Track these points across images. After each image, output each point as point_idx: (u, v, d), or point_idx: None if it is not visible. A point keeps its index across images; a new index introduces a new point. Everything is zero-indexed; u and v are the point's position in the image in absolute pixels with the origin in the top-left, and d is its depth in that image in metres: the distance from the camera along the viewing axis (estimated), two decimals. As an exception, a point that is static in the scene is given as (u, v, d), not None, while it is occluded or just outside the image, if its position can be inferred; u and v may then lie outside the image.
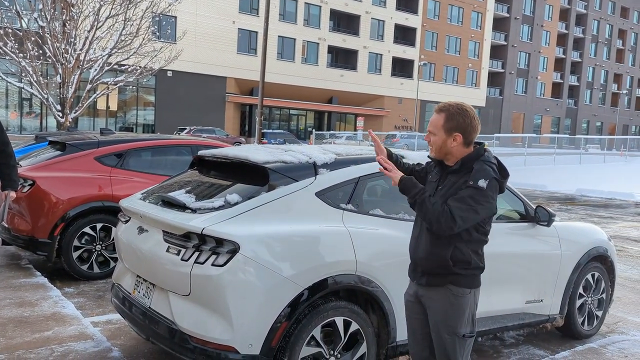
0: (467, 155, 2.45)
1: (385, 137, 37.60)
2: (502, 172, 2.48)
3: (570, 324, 4.46)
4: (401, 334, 3.27)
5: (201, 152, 3.94)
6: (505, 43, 60.86)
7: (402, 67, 51.10)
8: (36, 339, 3.82)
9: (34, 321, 4.15)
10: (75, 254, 5.48)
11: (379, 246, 3.25)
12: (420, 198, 2.37)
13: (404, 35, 50.87)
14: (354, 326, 3.14)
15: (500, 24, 60.63)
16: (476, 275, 2.49)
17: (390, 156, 2.83)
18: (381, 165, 2.48)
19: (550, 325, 4.34)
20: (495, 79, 61.18)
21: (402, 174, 2.48)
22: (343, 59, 47.70)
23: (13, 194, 4.33)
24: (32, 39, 15.25)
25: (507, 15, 60.50)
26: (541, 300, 4.16)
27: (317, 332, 3.01)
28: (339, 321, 3.08)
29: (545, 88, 66.03)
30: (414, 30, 51.08)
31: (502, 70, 61.19)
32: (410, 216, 3.39)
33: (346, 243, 3.12)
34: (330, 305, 3.04)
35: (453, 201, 2.34)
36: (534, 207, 4.11)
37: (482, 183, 2.33)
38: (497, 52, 60.89)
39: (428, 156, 2.67)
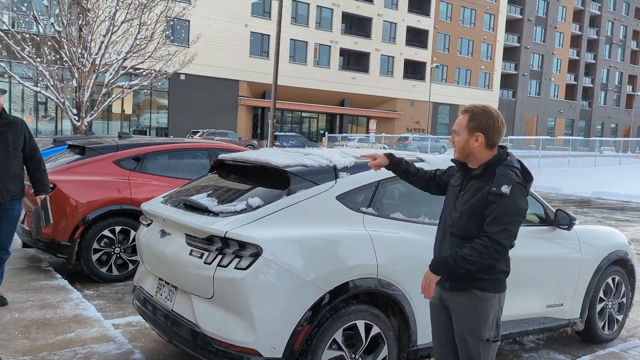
0: (490, 160, 2.45)
1: (398, 139, 37.54)
2: (526, 176, 2.48)
3: (591, 328, 4.43)
4: (422, 337, 3.27)
5: (221, 156, 3.98)
6: (518, 45, 60.49)
7: (414, 70, 50.99)
8: (59, 340, 3.87)
9: (57, 323, 4.21)
10: (94, 257, 5.54)
11: (400, 250, 3.25)
12: (458, 259, 2.36)
13: (416, 37, 50.77)
14: (375, 329, 3.14)
15: (513, 25, 60.29)
16: (501, 280, 2.49)
17: (399, 164, 2.83)
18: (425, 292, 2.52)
19: (571, 329, 4.31)
20: (508, 81, 60.82)
21: (428, 271, 2.51)
22: (355, 61, 47.71)
23: (41, 198, 4.46)
24: (49, 43, 15.44)
25: (520, 16, 60.15)
26: (561, 305, 4.13)
27: (338, 336, 3.02)
28: (360, 325, 3.09)
29: (558, 90, 65.49)
30: (426, 32, 50.97)
31: (515, 72, 60.81)
32: (431, 220, 3.39)
33: (367, 247, 3.13)
34: (351, 309, 3.06)
35: (487, 227, 2.35)
36: (554, 211, 4.09)
37: (505, 189, 2.33)
38: (510, 53, 60.54)
39: (451, 159, 2.68)
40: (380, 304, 3.26)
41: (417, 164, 3.60)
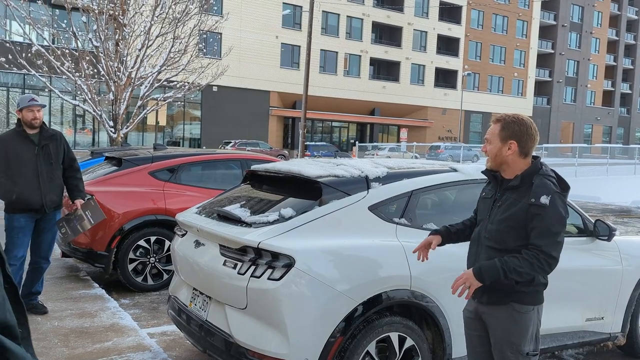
0: (526, 171, 2.41)
1: (429, 148, 37.18)
2: (562, 185, 2.43)
3: (633, 342, 4.26)
4: (457, 350, 3.22)
5: (254, 167, 4.02)
6: (553, 51, 59.32)
7: (445, 78, 50.56)
8: (97, 349, 3.96)
9: (94, 332, 4.30)
10: (130, 267, 5.65)
11: (434, 261, 3.19)
12: (510, 268, 2.30)
13: (447, 45, 50.38)
14: (409, 342, 3.11)
15: (547, 31, 59.21)
16: (539, 292, 2.44)
17: (449, 232, 2.77)
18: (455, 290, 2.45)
19: (612, 343, 4.16)
20: (542, 88, 59.64)
21: (469, 273, 2.41)
22: (385, 70, 47.62)
23: (81, 201, 4.64)
24: (87, 58, 15.93)
25: (554, 22, 59.03)
26: (602, 318, 4.00)
27: (372, 348, 3.00)
28: (394, 337, 3.06)
29: (595, 96, 63.83)
30: (457, 40, 50.53)
31: (550, 79, 59.60)
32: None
33: (400, 258, 3.10)
34: (384, 321, 3.03)
35: (536, 239, 2.31)
36: (593, 221, 3.98)
37: (545, 200, 2.29)
38: (544, 60, 59.41)
39: (482, 171, 2.64)
40: (414, 316, 3.23)
41: (451, 174, 3.57)
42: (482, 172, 2.64)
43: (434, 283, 3.16)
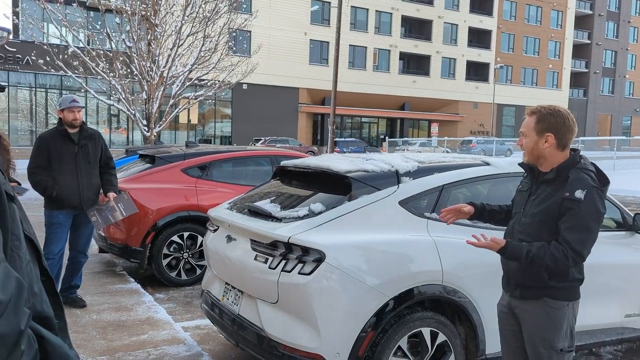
0: (562, 164, 2.35)
1: (461, 142, 36.68)
2: (602, 179, 2.35)
3: (676, 340, 4.12)
4: (491, 346, 3.17)
5: (283, 163, 4.04)
6: (589, 41, 57.66)
7: (477, 71, 49.74)
8: (133, 342, 4.05)
9: (131, 325, 4.41)
10: (164, 262, 5.77)
11: (466, 256, 3.17)
12: (534, 255, 2.26)
13: (479, 38, 49.53)
14: (441, 337, 3.08)
15: (582, 21, 57.56)
16: (575, 287, 2.38)
17: (483, 209, 2.73)
18: (473, 244, 2.39)
19: (653, 341, 4.04)
20: (578, 80, 58.06)
21: (501, 241, 2.34)
22: (415, 64, 47.15)
23: (113, 194, 4.82)
24: (121, 58, 16.26)
25: (590, 12, 57.34)
26: (642, 315, 3.88)
27: (403, 343, 2.98)
28: (426, 332, 3.04)
29: (634, 87, 61.76)
30: (489, 32, 49.61)
31: (586, 70, 57.97)
32: (498, 225, 3.28)
33: (431, 252, 3.07)
34: (416, 316, 3.01)
35: (566, 233, 2.24)
36: (632, 215, 3.86)
37: (579, 194, 2.22)
38: (580, 51, 57.80)
39: (519, 164, 2.59)
40: (447, 311, 3.20)
41: (483, 168, 3.52)
42: (519, 164, 2.58)
43: (467, 278, 3.12)
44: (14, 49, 28.54)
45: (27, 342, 0.93)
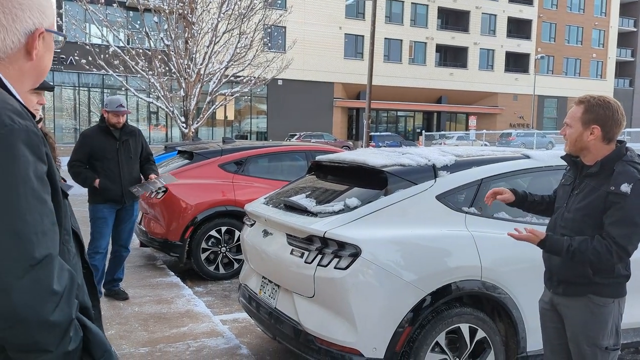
0: (607, 156, 2.26)
1: (500, 135, 35.90)
2: (650, 172, 2.26)
3: None
4: (532, 344, 3.10)
5: (319, 158, 4.04)
6: (635, 29, 55.44)
7: (516, 62, 48.52)
8: (174, 334, 4.15)
9: (171, 317, 4.51)
10: (203, 256, 5.87)
11: (506, 251, 3.10)
12: (575, 250, 2.20)
13: (518, 28, 48.27)
14: (480, 334, 3.03)
15: (628, 8, 55.37)
16: (621, 284, 2.29)
17: (525, 197, 2.67)
18: (513, 237, 2.34)
19: None
20: (624, 69, 55.95)
21: (541, 234, 2.29)
22: (452, 57, 46.36)
23: (154, 175, 4.98)
24: (159, 57, 16.59)
25: (636, -2, 55.11)
26: (694, 313, 3.71)
27: (441, 339, 2.95)
28: (464, 328, 3.00)
29: (684, 75, 59.08)
30: (529, 22, 48.30)
31: (632, 59, 55.79)
32: (539, 219, 3.20)
33: (470, 247, 3.02)
34: (454, 312, 2.97)
35: (611, 228, 2.17)
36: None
37: (625, 188, 2.14)
38: (626, 39, 55.65)
39: (562, 157, 2.51)
40: (486, 308, 3.14)
41: (523, 161, 3.43)
42: (562, 157, 2.50)
43: (507, 274, 3.06)
44: (59, 50, 29.39)
45: (74, 330, 1.05)
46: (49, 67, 1.23)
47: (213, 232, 5.90)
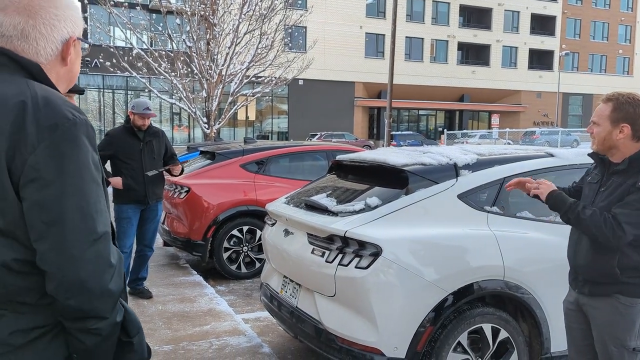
0: (636, 154, 2.22)
1: (524, 134, 35.39)
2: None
3: None
4: (556, 344, 3.06)
5: (339, 157, 4.04)
6: (663, 23, 54.07)
7: (540, 59, 47.78)
8: (197, 332, 4.19)
9: (194, 316, 4.56)
10: (225, 255, 5.92)
11: (529, 251, 3.07)
12: (573, 213, 2.21)
13: (542, 24, 47.53)
14: (503, 334, 3.00)
15: (656, 2, 54.03)
16: (649, 284, 2.25)
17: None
18: (527, 188, 2.38)
19: None
20: (651, 65, 54.61)
21: (551, 186, 2.33)
22: (474, 54, 45.88)
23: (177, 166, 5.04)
24: (182, 58, 16.79)
25: (665, -9, 53.73)
26: None
27: (463, 339, 2.93)
28: (487, 328, 2.97)
29: None
30: (553, 18, 47.52)
31: (660, 54, 54.42)
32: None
33: (492, 247, 2.99)
34: (476, 312, 2.95)
35: (617, 207, 2.15)
36: None
37: None
38: (654, 34, 54.29)
39: (589, 154, 2.47)
40: (509, 308, 3.11)
41: (547, 160, 3.39)
42: (589, 155, 2.46)
43: (530, 274, 3.02)
44: (84, 53, 30.08)
45: (119, 304, 1.20)
46: (78, 72, 1.36)
47: (235, 232, 5.95)
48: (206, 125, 17.10)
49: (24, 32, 1.19)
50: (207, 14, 16.37)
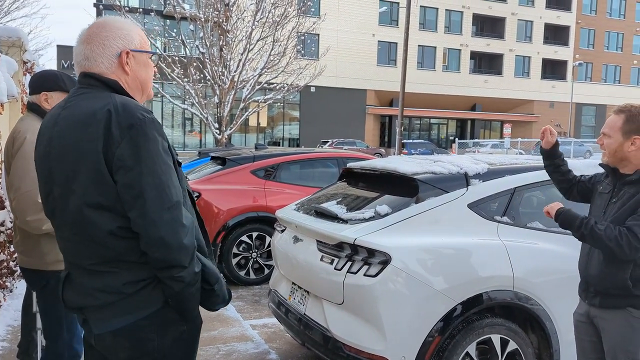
0: None
1: (535, 144, 35.15)
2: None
3: None
4: (566, 356, 3.03)
5: (350, 165, 4.05)
6: (679, 34, 53.58)
7: (553, 69, 47.54)
8: (204, 337, 4.20)
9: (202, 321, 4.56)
10: (234, 261, 5.93)
11: (539, 261, 3.05)
12: (587, 228, 2.18)
13: (555, 34, 47.33)
14: (512, 345, 2.98)
15: (672, 13, 53.59)
16: (661, 297, 2.22)
17: (556, 154, 2.64)
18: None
19: None
20: (666, 76, 54.08)
21: (559, 205, 2.30)
22: (487, 64, 45.76)
23: None
24: (194, 64, 16.92)
25: (681, 2, 53.29)
26: None
27: (472, 349, 2.91)
28: (496, 339, 2.95)
29: None
30: (566, 28, 47.30)
31: (676, 65, 53.91)
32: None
33: (502, 257, 2.97)
34: (485, 322, 2.93)
35: (631, 220, 2.13)
36: None
37: None
38: (669, 45, 53.82)
39: (600, 164, 2.45)
40: (518, 319, 3.08)
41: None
42: (600, 164, 2.45)
43: (540, 285, 3.00)
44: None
45: (197, 259, 1.54)
46: (148, 79, 1.72)
47: (244, 238, 5.96)
48: (217, 131, 17.19)
49: (85, 55, 1.60)
50: (220, 20, 16.49)
